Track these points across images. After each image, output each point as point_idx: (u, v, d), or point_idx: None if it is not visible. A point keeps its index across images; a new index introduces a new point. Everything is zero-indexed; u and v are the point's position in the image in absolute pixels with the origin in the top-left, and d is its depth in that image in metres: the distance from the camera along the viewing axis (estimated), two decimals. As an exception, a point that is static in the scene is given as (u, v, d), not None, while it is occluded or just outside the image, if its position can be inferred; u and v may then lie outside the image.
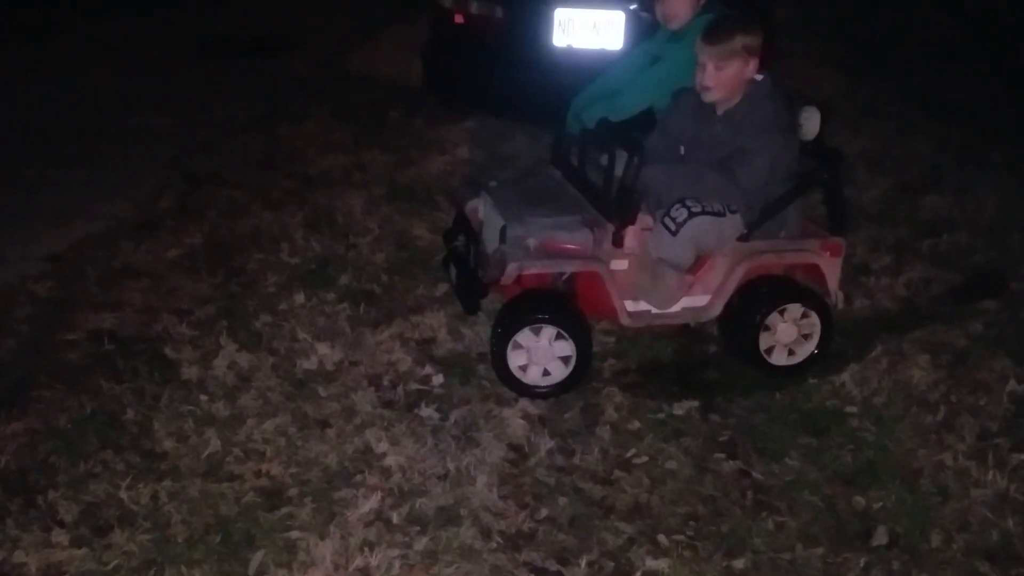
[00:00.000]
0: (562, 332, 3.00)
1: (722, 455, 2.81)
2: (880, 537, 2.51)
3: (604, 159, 3.09)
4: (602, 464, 2.76)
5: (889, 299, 3.78)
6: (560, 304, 3.12)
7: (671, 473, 2.73)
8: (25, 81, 5.91)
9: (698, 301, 3.17)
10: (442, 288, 3.65)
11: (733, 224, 3.06)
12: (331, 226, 4.12)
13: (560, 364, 3.04)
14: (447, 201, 4.33)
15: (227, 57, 6.90)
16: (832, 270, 3.19)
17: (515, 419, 2.91)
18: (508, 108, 5.21)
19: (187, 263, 3.74)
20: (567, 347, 3.02)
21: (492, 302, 3.28)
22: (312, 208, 4.31)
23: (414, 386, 3.06)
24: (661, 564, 2.38)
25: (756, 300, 3.15)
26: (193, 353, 3.14)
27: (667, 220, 2.98)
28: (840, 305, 3.27)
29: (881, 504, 2.62)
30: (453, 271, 3.35)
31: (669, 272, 3.03)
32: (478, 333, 3.36)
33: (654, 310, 3.14)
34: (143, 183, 4.50)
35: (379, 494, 2.56)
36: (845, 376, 3.19)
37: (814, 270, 3.21)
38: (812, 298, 3.18)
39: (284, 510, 2.49)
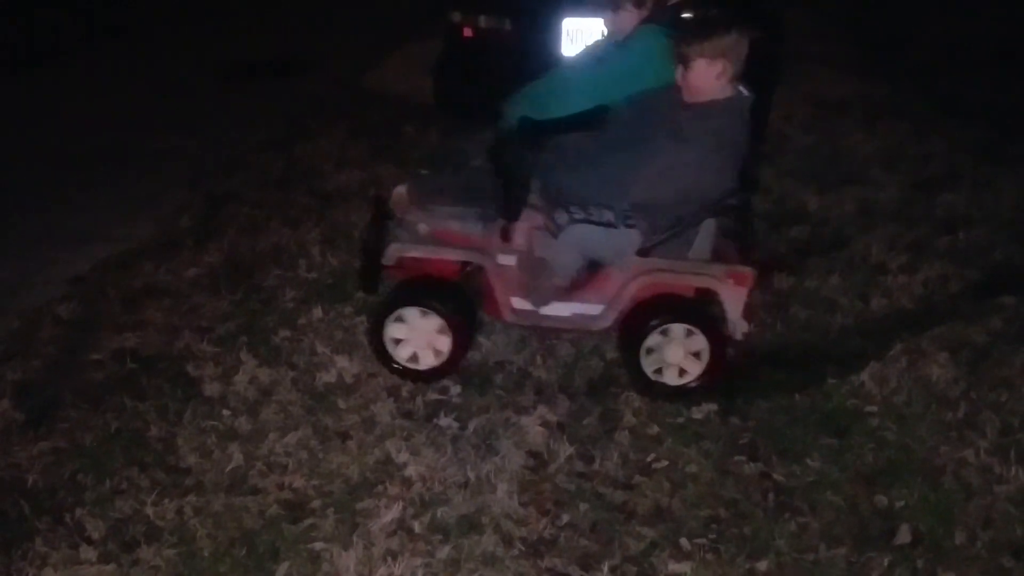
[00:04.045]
0: (444, 324, 3.08)
1: (743, 457, 2.81)
2: (903, 536, 2.49)
3: (521, 157, 3.14)
4: (622, 469, 2.76)
5: (907, 297, 3.76)
6: (446, 294, 3.16)
7: (692, 476, 2.73)
8: (44, 104, 6.02)
9: (591, 310, 3.16)
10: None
11: (628, 237, 3.01)
12: (348, 241, 4.16)
13: (430, 353, 3.13)
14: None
15: (244, 78, 7.00)
16: (734, 298, 3.02)
17: (534, 426, 2.92)
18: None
19: (207, 281, 3.79)
20: (446, 341, 3.10)
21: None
22: (329, 224, 4.36)
23: (432, 396, 3.09)
24: (684, 568, 2.39)
25: (640, 317, 3.09)
26: (215, 370, 3.18)
27: (548, 223, 3.00)
28: (739, 336, 3.09)
29: (904, 503, 2.61)
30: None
31: (546, 273, 3.06)
32: (495, 343, 3.38)
33: (540, 311, 3.15)
34: (163, 204, 4.56)
35: (401, 504, 2.58)
36: (865, 375, 3.17)
37: (714, 296, 3.07)
38: (700, 318, 3.06)
39: (307, 522, 2.52)
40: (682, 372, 3.09)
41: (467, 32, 5.17)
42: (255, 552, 2.42)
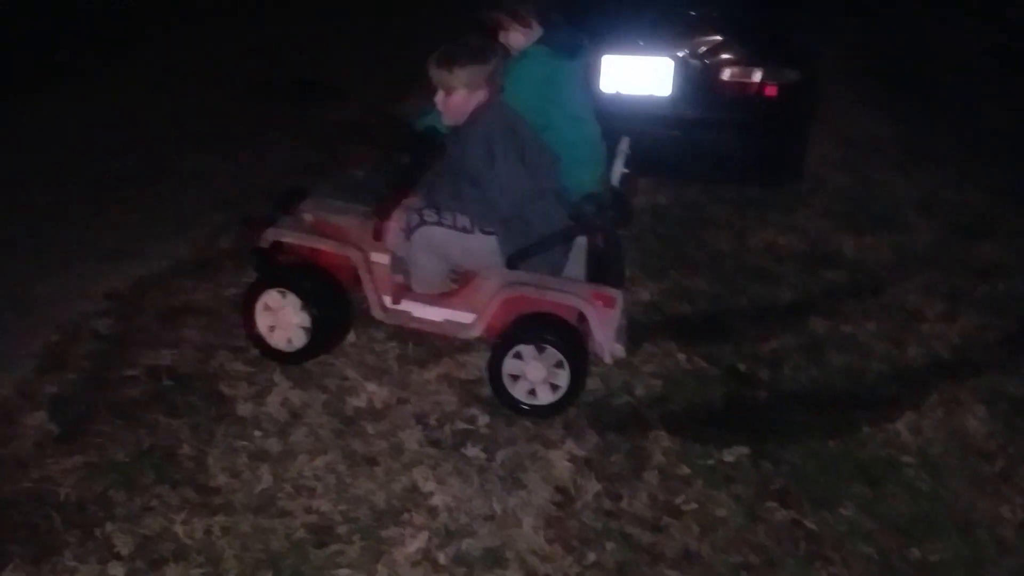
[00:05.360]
0: (304, 304, 3.20)
1: (774, 503, 2.78)
2: (937, 590, 2.45)
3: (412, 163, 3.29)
4: (650, 510, 2.74)
5: (944, 347, 3.72)
6: (313, 280, 3.26)
7: (722, 521, 2.70)
8: (78, 122, 6.09)
9: (463, 317, 3.19)
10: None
11: (485, 244, 3.07)
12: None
13: (301, 333, 3.25)
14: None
15: (277, 101, 7.06)
16: (601, 320, 3.00)
17: (561, 461, 2.91)
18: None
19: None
20: (307, 319, 3.21)
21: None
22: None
23: (460, 425, 3.09)
24: (711, 613, 2.36)
25: (503, 336, 3.10)
26: (248, 390, 3.20)
27: (404, 224, 3.11)
28: (608, 360, 3.09)
29: (937, 556, 2.57)
30: None
31: (404, 271, 3.18)
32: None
33: (412, 312, 3.21)
34: (200, 224, 4.61)
35: (426, 533, 2.57)
36: (900, 425, 3.14)
37: (581, 318, 3.07)
38: (556, 337, 3.01)
39: (333, 547, 2.52)
40: (555, 388, 3.08)
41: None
42: (280, 576, 2.42)
